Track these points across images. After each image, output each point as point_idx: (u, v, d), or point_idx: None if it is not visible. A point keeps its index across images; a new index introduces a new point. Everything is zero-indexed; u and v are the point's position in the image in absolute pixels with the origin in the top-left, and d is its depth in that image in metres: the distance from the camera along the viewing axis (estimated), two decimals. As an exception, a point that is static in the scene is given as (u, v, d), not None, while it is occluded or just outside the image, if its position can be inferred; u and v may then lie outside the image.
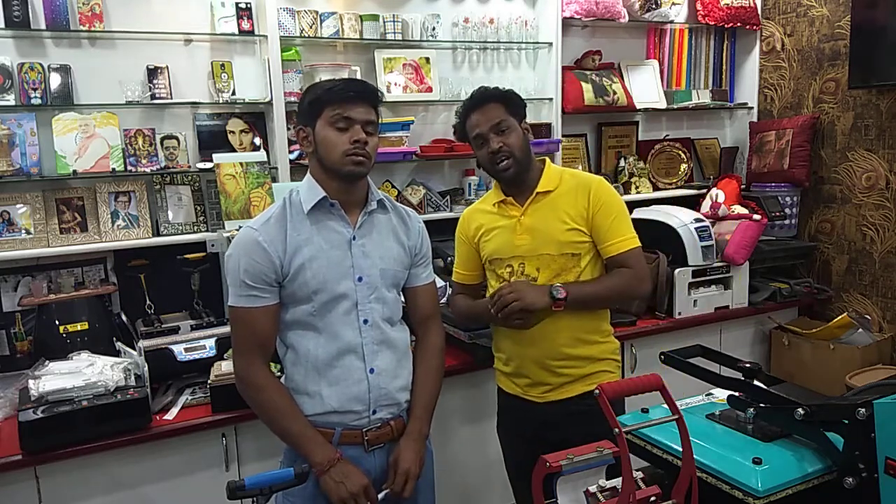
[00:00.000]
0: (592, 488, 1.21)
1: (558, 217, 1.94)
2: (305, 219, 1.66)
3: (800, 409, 1.28)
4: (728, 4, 3.57)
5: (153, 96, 2.58)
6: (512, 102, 1.96)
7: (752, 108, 3.77)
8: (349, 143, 1.61)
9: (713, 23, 3.59)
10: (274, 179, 2.65)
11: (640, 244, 2.00)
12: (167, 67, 2.60)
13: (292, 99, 2.73)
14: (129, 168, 2.54)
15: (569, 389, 1.97)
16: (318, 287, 1.64)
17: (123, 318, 2.47)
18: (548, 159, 2.07)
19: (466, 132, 1.99)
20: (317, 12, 2.78)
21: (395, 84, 2.95)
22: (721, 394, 1.52)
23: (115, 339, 2.34)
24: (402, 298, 1.84)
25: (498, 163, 1.93)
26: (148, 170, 2.57)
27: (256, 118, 2.78)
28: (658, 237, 2.99)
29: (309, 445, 1.63)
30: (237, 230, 1.72)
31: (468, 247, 2.10)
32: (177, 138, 2.64)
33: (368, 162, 1.65)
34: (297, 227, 1.65)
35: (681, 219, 3.05)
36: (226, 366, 2.15)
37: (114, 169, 2.50)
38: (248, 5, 2.65)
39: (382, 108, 1.74)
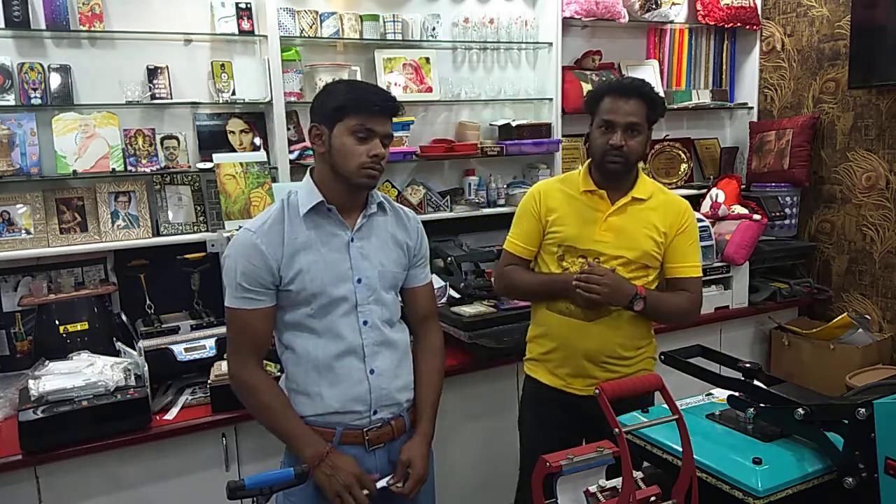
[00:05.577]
0: (592, 488, 1.21)
1: (647, 226, 1.97)
2: (303, 222, 1.65)
3: (800, 409, 1.28)
4: (728, 4, 3.57)
5: (153, 96, 2.58)
6: (654, 106, 1.94)
7: (752, 108, 3.77)
8: (367, 156, 1.60)
9: (713, 23, 3.59)
10: (274, 179, 2.65)
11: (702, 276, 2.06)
12: (167, 67, 2.60)
13: (292, 99, 2.74)
14: (129, 168, 2.54)
15: None
16: (317, 290, 1.63)
17: (123, 318, 2.47)
18: (639, 165, 2.06)
19: (597, 107, 1.95)
20: (317, 12, 2.78)
21: (395, 84, 2.95)
22: (721, 394, 1.53)
23: (115, 339, 2.34)
24: (400, 299, 1.83)
25: (609, 159, 1.92)
26: (148, 170, 2.57)
27: (256, 118, 2.78)
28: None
29: (299, 442, 1.63)
30: (237, 230, 1.72)
31: (535, 222, 2.05)
32: (177, 138, 2.64)
33: (380, 175, 1.67)
34: (295, 230, 1.65)
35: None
36: (225, 366, 2.14)
37: (114, 169, 2.50)
38: (248, 5, 2.65)
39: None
